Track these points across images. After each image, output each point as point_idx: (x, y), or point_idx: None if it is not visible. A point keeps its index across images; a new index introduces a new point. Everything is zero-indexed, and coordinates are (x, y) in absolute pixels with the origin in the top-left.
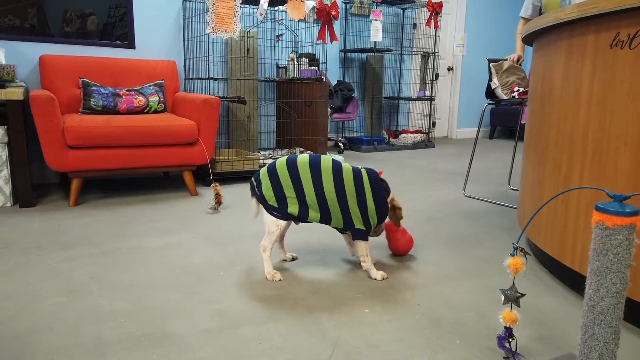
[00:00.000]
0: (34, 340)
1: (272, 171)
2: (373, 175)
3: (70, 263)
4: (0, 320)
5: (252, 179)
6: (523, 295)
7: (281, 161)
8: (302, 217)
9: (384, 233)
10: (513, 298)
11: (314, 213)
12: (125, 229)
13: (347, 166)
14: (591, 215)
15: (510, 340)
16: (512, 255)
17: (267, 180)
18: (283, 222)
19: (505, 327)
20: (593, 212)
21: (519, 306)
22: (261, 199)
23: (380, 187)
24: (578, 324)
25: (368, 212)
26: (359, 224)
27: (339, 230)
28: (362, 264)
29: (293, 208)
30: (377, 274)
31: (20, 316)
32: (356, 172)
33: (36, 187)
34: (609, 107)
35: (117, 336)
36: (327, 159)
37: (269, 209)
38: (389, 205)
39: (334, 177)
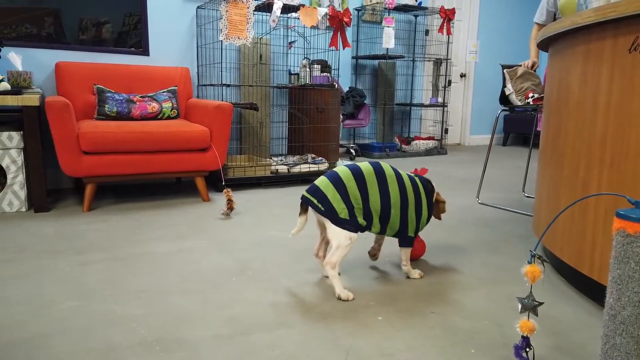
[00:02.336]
0: (45, 345)
1: (339, 182)
2: (425, 183)
3: (83, 268)
4: (13, 324)
5: (307, 194)
6: (541, 303)
7: (344, 171)
8: (367, 227)
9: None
10: (530, 307)
11: (376, 222)
12: (138, 234)
13: (402, 173)
14: (610, 223)
15: (527, 350)
16: (530, 262)
17: (335, 192)
18: (355, 235)
19: (523, 337)
20: (614, 219)
21: (536, 315)
22: (331, 213)
23: (431, 194)
24: (597, 334)
25: (422, 218)
26: (411, 231)
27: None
28: (404, 267)
29: (361, 219)
30: (416, 273)
31: (33, 320)
32: (412, 180)
33: (51, 192)
34: (627, 112)
35: (128, 341)
36: (387, 166)
37: (341, 223)
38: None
39: (399, 184)
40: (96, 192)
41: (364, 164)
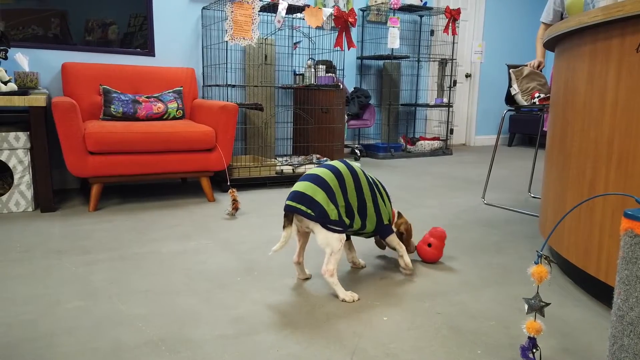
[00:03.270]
0: (53, 344)
1: (324, 184)
2: (374, 177)
3: (89, 267)
4: (21, 324)
5: (293, 203)
6: (547, 304)
7: (325, 172)
8: (350, 225)
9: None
10: (537, 307)
11: (357, 219)
12: (144, 234)
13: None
14: (617, 223)
15: (534, 350)
16: (536, 263)
17: (324, 194)
18: (344, 236)
19: (529, 337)
20: (622, 220)
21: (543, 316)
22: (323, 217)
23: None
24: (604, 335)
25: (386, 207)
26: (386, 219)
27: (368, 236)
28: (399, 252)
29: (345, 218)
30: (407, 261)
31: (40, 320)
32: (365, 173)
33: (57, 192)
34: (635, 112)
35: (135, 341)
36: (354, 164)
37: (331, 225)
38: (398, 230)
39: (367, 180)
40: (102, 192)
41: (337, 163)
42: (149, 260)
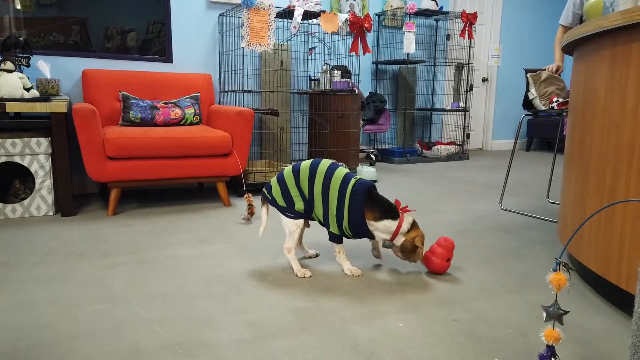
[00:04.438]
0: (74, 347)
1: (280, 176)
2: (357, 189)
3: (108, 271)
4: (42, 326)
5: (264, 187)
6: (566, 312)
7: (287, 170)
8: (307, 212)
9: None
10: (556, 315)
11: (317, 209)
12: (161, 239)
13: (341, 172)
14: (638, 230)
15: (552, 359)
16: (555, 270)
17: (277, 184)
18: (300, 221)
19: (548, 346)
20: None
21: (562, 324)
22: (272, 202)
23: (358, 202)
24: (625, 345)
25: (343, 222)
26: (333, 228)
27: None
28: (337, 259)
29: (299, 205)
30: (349, 270)
31: (61, 322)
32: (344, 180)
33: (77, 196)
34: None
35: (153, 344)
36: (326, 162)
37: (282, 211)
38: (409, 243)
39: (324, 179)
40: (120, 197)
41: (306, 162)
42: (167, 264)
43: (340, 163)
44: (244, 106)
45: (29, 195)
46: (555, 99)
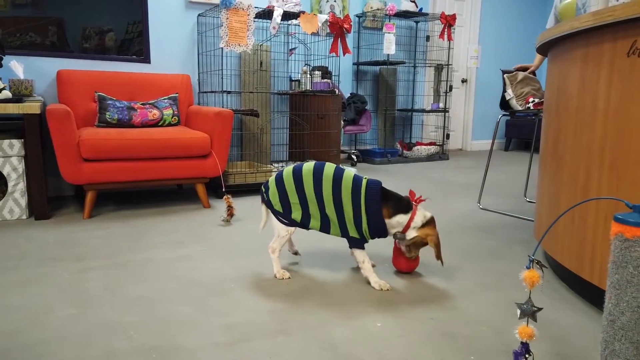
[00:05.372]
0: (45, 352)
1: (279, 178)
2: (371, 188)
3: (83, 275)
4: (13, 332)
5: (262, 186)
6: (540, 309)
7: (288, 169)
8: (304, 224)
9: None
10: (529, 312)
11: (314, 221)
12: (138, 241)
13: (349, 174)
14: (610, 227)
15: (527, 356)
16: (528, 267)
17: (274, 186)
18: (293, 229)
19: (522, 343)
20: (612, 223)
21: (535, 321)
22: (268, 204)
23: (375, 201)
24: (598, 340)
25: (362, 224)
26: (353, 232)
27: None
28: (362, 271)
29: (296, 214)
30: (377, 284)
31: (33, 327)
32: (356, 181)
33: (51, 199)
34: (627, 116)
35: (127, 349)
36: (331, 166)
37: (276, 214)
38: (420, 240)
39: (334, 183)
40: (97, 200)
41: (308, 163)
42: (143, 268)
43: (340, 165)
44: (223, 107)
45: (1, 199)
46: (531, 100)
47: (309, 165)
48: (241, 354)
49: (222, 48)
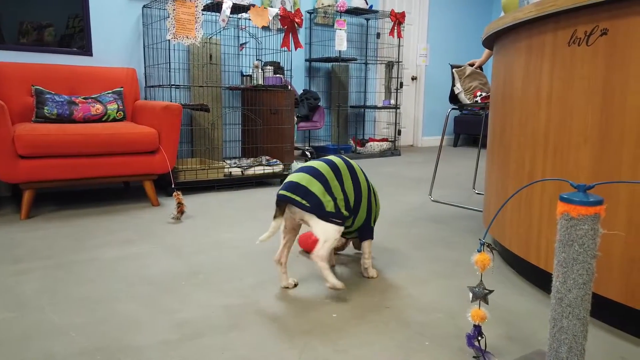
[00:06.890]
0: None
1: (321, 176)
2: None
3: (20, 277)
4: None
5: (287, 192)
6: (491, 291)
7: (322, 165)
8: (349, 218)
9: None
10: (481, 295)
11: (354, 217)
12: (82, 241)
13: (354, 162)
14: (554, 212)
15: (479, 338)
16: (479, 251)
17: (320, 185)
18: (342, 228)
19: (474, 326)
20: (558, 203)
21: (487, 303)
22: (318, 208)
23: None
24: (546, 322)
25: (377, 208)
26: (373, 222)
27: (349, 237)
28: (366, 261)
29: (344, 210)
30: (374, 272)
31: None
32: (360, 169)
33: None
34: (568, 104)
35: (67, 351)
36: (340, 158)
37: (327, 217)
38: None
39: (365, 176)
40: (36, 200)
41: (334, 157)
42: (87, 268)
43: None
44: (171, 101)
45: None
46: (479, 93)
47: (337, 159)
48: (192, 351)
49: (169, 40)
